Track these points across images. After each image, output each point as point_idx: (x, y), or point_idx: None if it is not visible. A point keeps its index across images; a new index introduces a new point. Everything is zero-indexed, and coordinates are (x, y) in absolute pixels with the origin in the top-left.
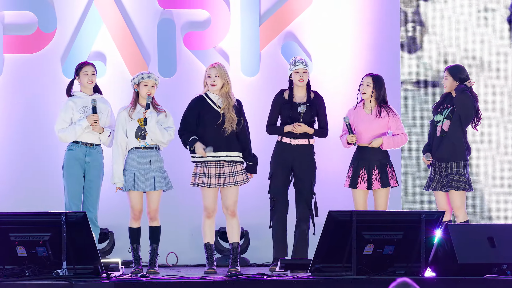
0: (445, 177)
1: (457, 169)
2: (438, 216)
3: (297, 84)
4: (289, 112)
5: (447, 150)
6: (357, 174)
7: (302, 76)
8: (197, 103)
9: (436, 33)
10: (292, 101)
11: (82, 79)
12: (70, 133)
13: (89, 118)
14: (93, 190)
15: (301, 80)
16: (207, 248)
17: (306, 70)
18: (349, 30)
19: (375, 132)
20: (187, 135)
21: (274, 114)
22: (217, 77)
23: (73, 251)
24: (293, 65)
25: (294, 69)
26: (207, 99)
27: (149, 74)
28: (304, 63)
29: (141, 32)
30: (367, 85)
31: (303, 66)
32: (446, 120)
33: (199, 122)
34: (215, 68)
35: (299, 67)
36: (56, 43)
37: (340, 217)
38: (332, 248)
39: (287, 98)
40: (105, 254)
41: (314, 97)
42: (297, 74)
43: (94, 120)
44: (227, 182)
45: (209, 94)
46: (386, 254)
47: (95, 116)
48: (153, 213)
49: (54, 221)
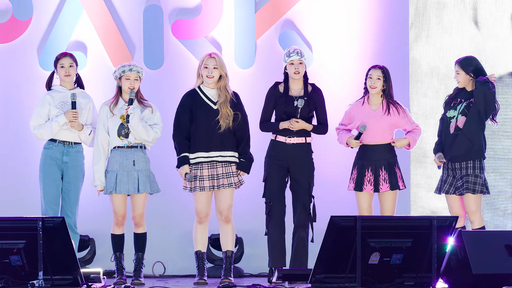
0: (460, 178)
1: (473, 169)
2: (450, 222)
3: (293, 77)
4: (284, 106)
5: (461, 149)
6: (362, 175)
7: (298, 68)
8: (188, 99)
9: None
10: (288, 95)
11: (59, 72)
12: (46, 130)
13: (67, 114)
14: (71, 193)
15: (296, 73)
16: (198, 257)
17: (302, 62)
18: (353, 18)
19: (384, 130)
20: (180, 145)
21: (268, 109)
22: (215, 68)
23: (50, 260)
24: (287, 56)
25: (289, 61)
26: (200, 94)
27: (130, 66)
28: (300, 54)
29: (125, 20)
30: (377, 79)
31: (299, 57)
32: (461, 116)
33: (191, 119)
34: (213, 59)
35: (294, 58)
36: (32, 32)
37: (343, 223)
38: (335, 256)
39: (283, 91)
40: (85, 264)
41: (312, 90)
42: (292, 66)
43: (73, 116)
44: (221, 184)
45: (203, 88)
46: (393, 264)
47: (74, 112)
48: (138, 219)
49: (30, 227)
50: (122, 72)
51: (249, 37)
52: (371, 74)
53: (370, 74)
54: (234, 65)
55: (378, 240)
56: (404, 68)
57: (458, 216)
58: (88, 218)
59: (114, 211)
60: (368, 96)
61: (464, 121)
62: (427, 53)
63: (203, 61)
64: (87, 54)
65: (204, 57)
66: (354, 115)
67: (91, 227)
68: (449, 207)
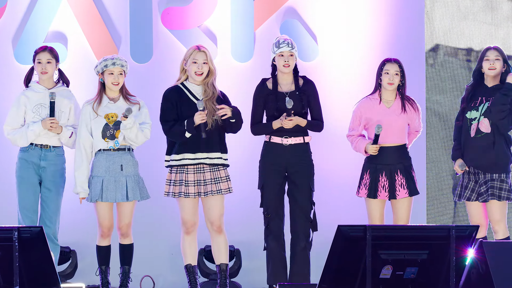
0: (483, 184)
1: (498, 174)
2: (471, 232)
3: (282, 70)
4: (275, 104)
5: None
6: (376, 180)
7: (288, 61)
8: (172, 94)
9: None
10: (278, 91)
11: (36, 69)
12: (21, 137)
13: (44, 123)
14: (50, 201)
15: (286, 66)
16: (188, 271)
17: (292, 53)
18: (363, 5)
19: (400, 129)
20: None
21: (258, 110)
22: (205, 64)
23: (27, 273)
24: (276, 47)
25: (278, 52)
26: (185, 90)
27: (114, 59)
28: (291, 45)
29: (109, 8)
30: (395, 74)
31: (289, 49)
32: (484, 117)
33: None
34: (203, 53)
35: (284, 50)
36: (7, 21)
37: (352, 233)
38: (342, 270)
39: (272, 88)
40: (66, 278)
41: (303, 83)
42: (282, 58)
43: (50, 126)
44: (209, 190)
45: (187, 84)
46: (407, 278)
47: (52, 120)
48: (125, 229)
49: (4, 237)
50: (104, 66)
51: (247, 27)
52: (388, 69)
53: (387, 69)
54: (231, 58)
55: (390, 252)
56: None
57: (478, 226)
58: (69, 228)
59: (100, 222)
60: (380, 93)
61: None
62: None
63: (190, 55)
64: (67, 46)
65: (191, 51)
66: (365, 114)
67: (72, 238)
68: (470, 215)
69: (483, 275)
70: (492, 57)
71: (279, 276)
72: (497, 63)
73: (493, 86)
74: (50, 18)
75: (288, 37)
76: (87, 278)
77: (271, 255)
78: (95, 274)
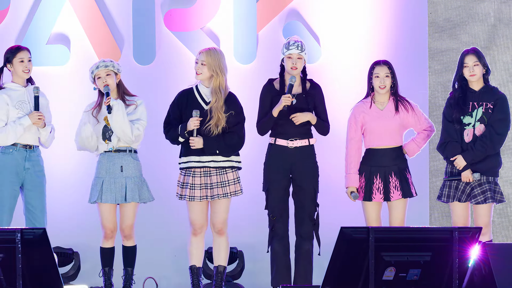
0: (477, 186)
1: (493, 178)
2: (474, 234)
3: (289, 72)
4: None
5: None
6: (370, 183)
7: (296, 63)
8: (181, 98)
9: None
10: (285, 92)
11: (17, 67)
12: (10, 134)
13: (32, 116)
14: (36, 201)
15: (294, 68)
16: (192, 272)
17: (301, 56)
18: (366, 7)
19: (393, 131)
20: (173, 130)
21: (265, 108)
22: (203, 65)
23: (30, 275)
24: (286, 48)
25: (287, 54)
26: (196, 92)
27: (97, 64)
28: (301, 47)
29: (112, 10)
30: (385, 76)
31: (298, 51)
32: (480, 123)
33: (181, 119)
34: (202, 54)
35: (293, 52)
36: (9, 23)
37: (355, 235)
38: (345, 272)
39: (279, 89)
40: (69, 280)
41: (310, 87)
42: (290, 60)
43: (38, 119)
44: (215, 194)
45: (199, 86)
46: (410, 280)
47: (39, 113)
48: (128, 230)
49: (7, 239)
50: (91, 73)
51: (250, 29)
52: (378, 72)
53: (376, 72)
54: (234, 60)
55: (393, 254)
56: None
57: (481, 228)
58: (72, 230)
59: (102, 224)
60: (373, 95)
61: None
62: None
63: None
64: (70, 48)
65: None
66: (362, 119)
67: (75, 239)
68: (456, 216)
69: (486, 276)
70: (470, 64)
71: (283, 278)
72: (477, 68)
73: (480, 90)
74: (53, 20)
75: (299, 39)
76: (90, 280)
77: (276, 257)
78: (98, 276)
